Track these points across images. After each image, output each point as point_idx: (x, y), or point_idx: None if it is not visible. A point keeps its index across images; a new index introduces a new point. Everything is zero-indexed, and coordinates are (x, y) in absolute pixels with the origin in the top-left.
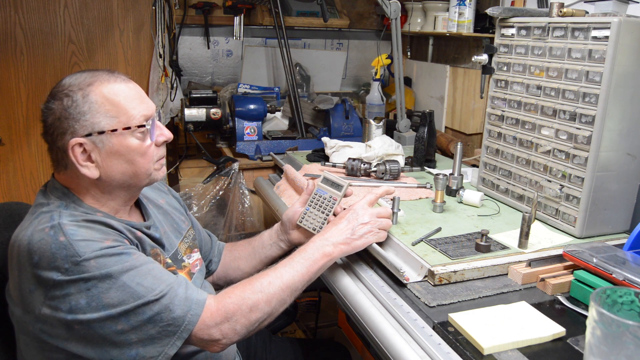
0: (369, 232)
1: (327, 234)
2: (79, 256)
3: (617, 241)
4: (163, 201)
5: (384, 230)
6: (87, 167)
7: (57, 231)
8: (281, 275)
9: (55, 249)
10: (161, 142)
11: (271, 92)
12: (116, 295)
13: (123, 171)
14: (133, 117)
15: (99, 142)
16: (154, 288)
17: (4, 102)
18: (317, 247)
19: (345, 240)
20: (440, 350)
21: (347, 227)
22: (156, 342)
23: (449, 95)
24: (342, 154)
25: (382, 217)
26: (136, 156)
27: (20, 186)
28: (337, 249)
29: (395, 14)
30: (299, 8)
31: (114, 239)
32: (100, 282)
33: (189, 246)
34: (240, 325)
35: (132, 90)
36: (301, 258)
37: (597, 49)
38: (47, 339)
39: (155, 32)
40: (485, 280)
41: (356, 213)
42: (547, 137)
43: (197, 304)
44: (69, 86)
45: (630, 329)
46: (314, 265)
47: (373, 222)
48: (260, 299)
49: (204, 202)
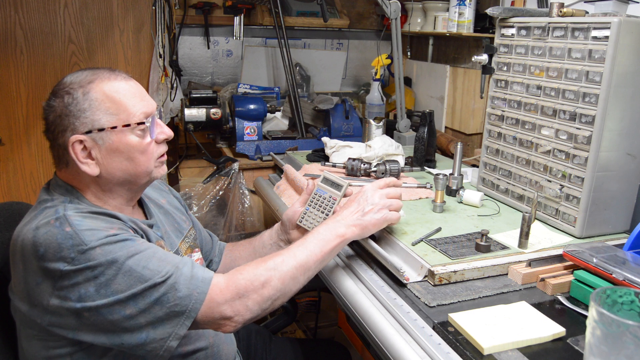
0: (379, 212)
1: (339, 216)
2: (85, 245)
3: (617, 241)
4: (164, 201)
5: (395, 212)
6: (87, 164)
7: (62, 222)
8: (294, 255)
9: (62, 239)
10: (161, 140)
11: (271, 92)
12: (123, 280)
13: (123, 168)
14: (133, 115)
15: (99, 139)
16: (159, 270)
17: (4, 102)
18: (330, 228)
19: (357, 222)
20: (440, 350)
21: (357, 208)
22: (165, 323)
23: (449, 95)
24: (342, 154)
25: (392, 197)
26: (136, 153)
27: (20, 186)
28: (349, 230)
29: (395, 14)
30: (299, 8)
31: (118, 227)
32: (107, 269)
33: (190, 246)
34: (252, 301)
35: (133, 88)
36: (314, 239)
37: (597, 49)
38: (57, 331)
39: (155, 32)
40: (485, 280)
41: (365, 195)
42: (547, 137)
43: (203, 282)
44: (70, 84)
45: (630, 329)
46: (327, 245)
47: (383, 203)
48: (273, 276)
49: (204, 202)
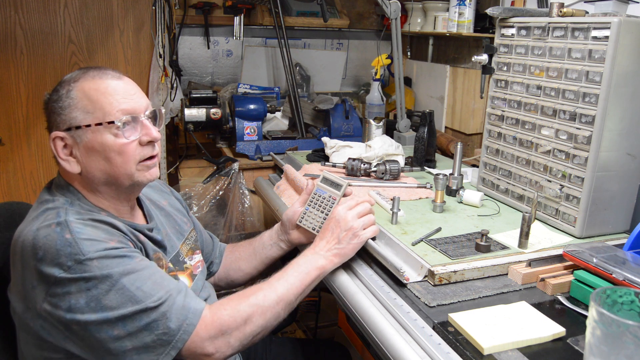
0: (355, 236)
1: (317, 247)
2: (82, 254)
3: (617, 241)
4: (165, 203)
5: (370, 227)
6: (67, 162)
7: (63, 228)
8: (276, 289)
9: (60, 245)
10: (145, 142)
11: (271, 92)
12: (115, 297)
13: (101, 168)
14: (108, 113)
15: (77, 137)
16: (153, 294)
17: (4, 102)
18: (309, 260)
19: (335, 251)
20: (440, 350)
21: (332, 237)
22: (150, 351)
23: (449, 95)
24: (342, 154)
25: (363, 215)
26: (112, 154)
27: (20, 186)
28: (328, 261)
29: (395, 14)
30: (299, 8)
31: (118, 240)
32: (101, 283)
33: (191, 248)
34: (235, 338)
35: (119, 87)
36: (294, 271)
37: (597, 49)
38: (47, 337)
39: (155, 32)
40: (485, 280)
41: (337, 221)
42: (547, 137)
43: (194, 314)
44: (61, 82)
45: (630, 329)
46: (307, 278)
47: (357, 225)
48: (255, 312)
49: (204, 202)
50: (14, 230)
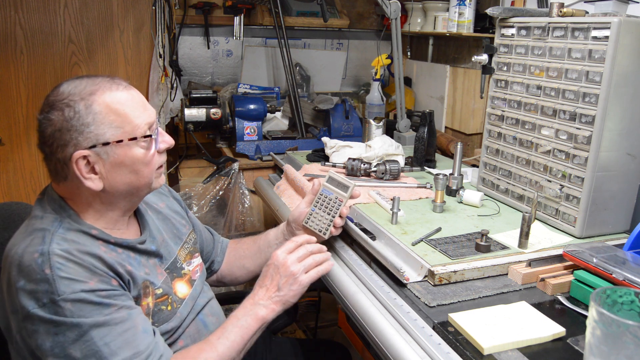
0: (295, 282)
1: (256, 296)
2: (57, 295)
3: (617, 241)
4: (163, 205)
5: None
6: (90, 180)
7: (44, 261)
8: (216, 349)
9: (39, 280)
10: (163, 149)
11: (271, 92)
12: (80, 349)
13: (127, 181)
14: (138, 127)
15: (103, 153)
16: (119, 353)
17: (4, 102)
18: (248, 312)
19: (275, 299)
20: (440, 350)
21: (272, 284)
22: None
23: (449, 95)
24: (342, 154)
25: (304, 258)
26: (140, 166)
27: (20, 186)
28: (269, 310)
29: (395, 14)
30: (299, 8)
31: (99, 280)
32: (69, 331)
33: (190, 252)
34: None
35: (135, 98)
36: (234, 327)
37: (597, 49)
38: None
39: (155, 32)
40: (485, 280)
41: (276, 267)
42: (547, 137)
43: None
44: (69, 95)
45: (630, 329)
46: (248, 331)
47: (296, 269)
48: None
49: (204, 202)
50: (14, 230)
